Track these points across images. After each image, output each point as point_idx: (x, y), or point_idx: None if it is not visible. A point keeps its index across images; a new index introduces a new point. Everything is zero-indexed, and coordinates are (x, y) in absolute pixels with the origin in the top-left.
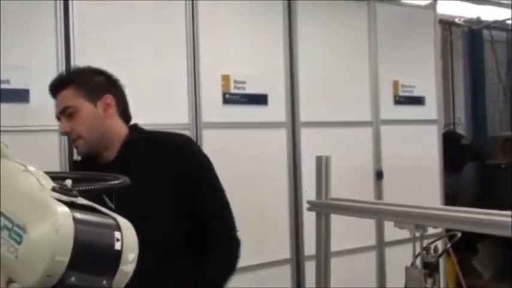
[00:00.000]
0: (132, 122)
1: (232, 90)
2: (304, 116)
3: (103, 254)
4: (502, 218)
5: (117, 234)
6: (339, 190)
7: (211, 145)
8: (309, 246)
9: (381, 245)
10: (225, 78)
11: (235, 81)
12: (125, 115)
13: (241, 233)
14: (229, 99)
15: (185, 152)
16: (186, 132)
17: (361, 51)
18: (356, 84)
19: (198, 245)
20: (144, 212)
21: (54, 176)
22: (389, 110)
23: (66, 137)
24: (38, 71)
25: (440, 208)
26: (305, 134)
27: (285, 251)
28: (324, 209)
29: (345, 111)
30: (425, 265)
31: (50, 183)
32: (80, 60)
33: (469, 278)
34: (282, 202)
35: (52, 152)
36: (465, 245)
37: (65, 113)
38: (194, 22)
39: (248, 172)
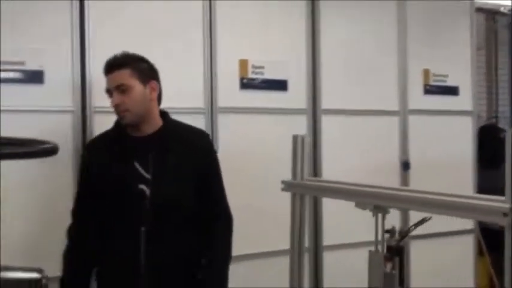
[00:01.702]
0: None
1: (250, 75)
2: (326, 103)
3: None
4: (463, 200)
5: None
6: (362, 180)
7: (226, 130)
8: (328, 235)
9: None
10: (243, 63)
11: (253, 66)
12: (159, 101)
13: (258, 220)
14: (246, 84)
15: (202, 146)
16: (201, 117)
17: (389, 38)
18: (383, 72)
19: (201, 223)
20: (172, 183)
21: None
22: (418, 99)
23: (79, 118)
24: (52, 53)
25: (404, 189)
26: (326, 122)
27: None
28: (299, 189)
29: (371, 99)
30: (388, 249)
31: None
32: (94, 43)
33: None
34: None
35: (66, 131)
36: (500, 244)
37: (119, 89)
38: (211, 6)
39: (265, 158)
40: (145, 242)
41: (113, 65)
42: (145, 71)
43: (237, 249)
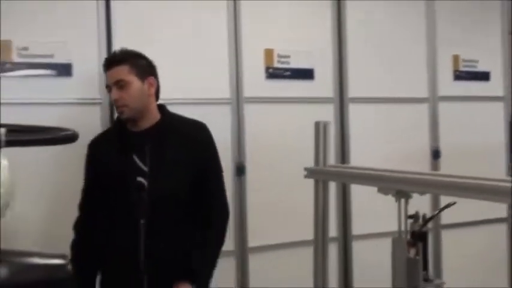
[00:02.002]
0: (167, 98)
1: (276, 65)
2: (353, 91)
3: None
4: (488, 182)
5: None
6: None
7: (252, 120)
8: (357, 225)
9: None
10: (268, 53)
11: (279, 56)
12: (157, 96)
13: (284, 211)
14: (272, 73)
15: (200, 139)
16: (227, 107)
17: (418, 23)
18: (411, 58)
19: (198, 217)
20: (169, 175)
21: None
22: (448, 85)
23: (107, 109)
24: (80, 46)
25: (427, 173)
26: (354, 111)
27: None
28: (321, 175)
29: (399, 86)
30: (412, 234)
31: None
32: (120, 37)
33: None
34: None
35: (94, 123)
36: None
37: (117, 85)
38: None
39: (292, 148)
40: (144, 234)
41: (112, 62)
42: (143, 67)
43: (266, 238)
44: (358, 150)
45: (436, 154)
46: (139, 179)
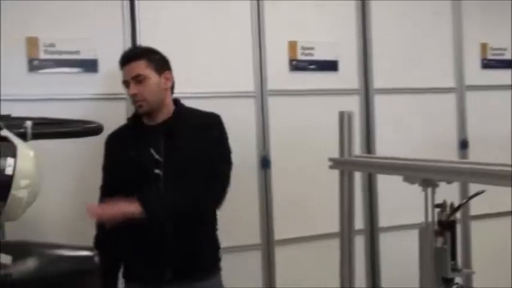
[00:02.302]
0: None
1: (300, 57)
2: (378, 82)
3: None
4: None
5: (10, 160)
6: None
7: (276, 113)
8: (384, 217)
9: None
10: (292, 45)
11: (302, 48)
12: (172, 90)
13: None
14: (296, 66)
15: (210, 129)
16: (251, 101)
17: (444, 12)
18: (437, 48)
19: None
20: (182, 165)
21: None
22: (475, 75)
23: (131, 105)
24: (105, 42)
25: (452, 161)
26: (379, 102)
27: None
28: (346, 166)
29: (425, 77)
30: (440, 224)
31: None
32: (145, 32)
33: None
34: None
35: (119, 117)
36: None
37: (135, 79)
38: None
39: (316, 141)
40: (166, 226)
41: (129, 57)
42: (160, 61)
43: (291, 231)
44: (384, 142)
45: (463, 144)
46: (157, 171)
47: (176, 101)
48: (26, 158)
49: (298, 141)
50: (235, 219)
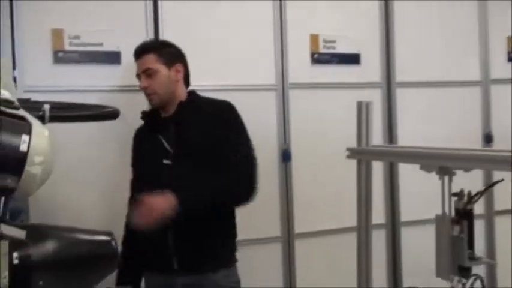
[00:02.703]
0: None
1: (322, 50)
2: (400, 75)
3: (8, 153)
4: None
5: (25, 137)
6: None
7: (298, 106)
8: (405, 211)
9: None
10: (314, 38)
11: (324, 41)
12: (186, 82)
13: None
14: (318, 59)
15: (220, 115)
16: (273, 94)
17: (469, 4)
18: (462, 40)
19: None
20: (190, 153)
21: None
22: (501, 68)
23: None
24: (128, 35)
25: (470, 149)
26: (401, 95)
27: (378, 216)
28: (365, 155)
29: (449, 70)
30: (457, 212)
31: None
32: (167, 24)
33: None
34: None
35: (140, 109)
36: None
37: (146, 73)
38: None
39: (338, 134)
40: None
41: (140, 51)
42: (171, 54)
43: (312, 225)
44: (407, 136)
45: (488, 138)
46: (166, 161)
47: (191, 93)
48: (41, 136)
49: (319, 135)
50: (255, 212)
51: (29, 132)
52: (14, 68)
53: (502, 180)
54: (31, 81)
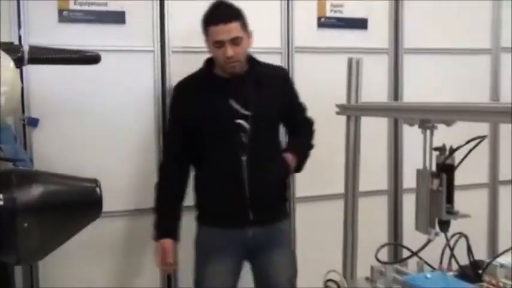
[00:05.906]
0: None
1: (329, 14)
2: (408, 41)
3: None
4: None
5: None
6: None
7: (303, 70)
8: (408, 179)
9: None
10: (321, 2)
11: (331, 5)
12: None
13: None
14: (324, 23)
15: (284, 77)
16: (277, 57)
17: None
18: (472, 6)
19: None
20: (267, 115)
21: None
22: None
23: (158, 56)
24: None
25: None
26: (409, 62)
27: (382, 183)
28: (354, 111)
29: (458, 37)
30: (438, 166)
31: None
32: None
33: None
34: (380, 131)
35: (146, 69)
36: None
37: (234, 41)
38: None
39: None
40: (246, 168)
41: (226, 18)
42: (247, 21)
43: (312, 189)
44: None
45: None
46: (239, 121)
47: (250, 56)
48: (7, 69)
49: (324, 99)
50: None
51: None
52: (19, 27)
53: (485, 136)
54: (36, 40)
